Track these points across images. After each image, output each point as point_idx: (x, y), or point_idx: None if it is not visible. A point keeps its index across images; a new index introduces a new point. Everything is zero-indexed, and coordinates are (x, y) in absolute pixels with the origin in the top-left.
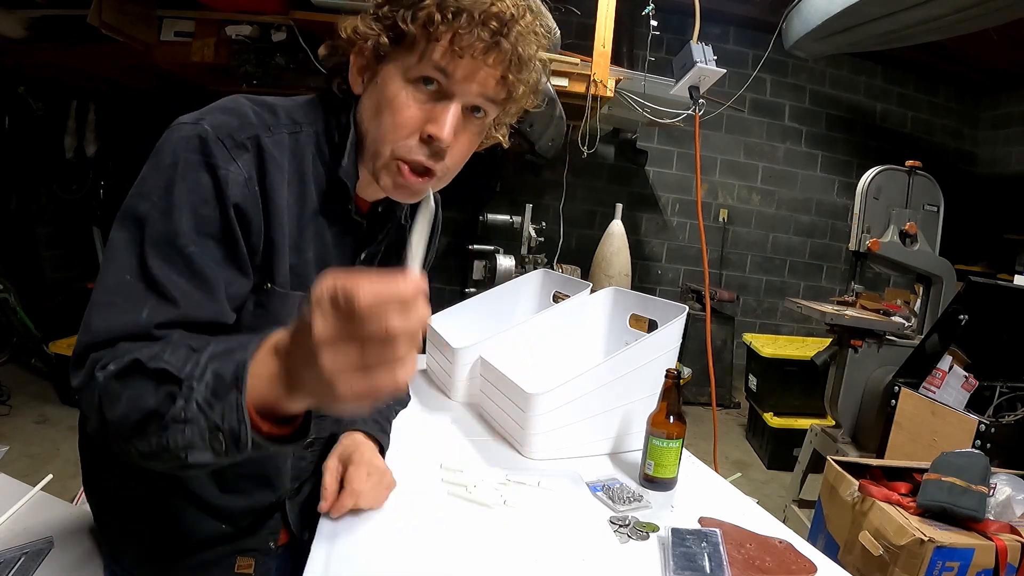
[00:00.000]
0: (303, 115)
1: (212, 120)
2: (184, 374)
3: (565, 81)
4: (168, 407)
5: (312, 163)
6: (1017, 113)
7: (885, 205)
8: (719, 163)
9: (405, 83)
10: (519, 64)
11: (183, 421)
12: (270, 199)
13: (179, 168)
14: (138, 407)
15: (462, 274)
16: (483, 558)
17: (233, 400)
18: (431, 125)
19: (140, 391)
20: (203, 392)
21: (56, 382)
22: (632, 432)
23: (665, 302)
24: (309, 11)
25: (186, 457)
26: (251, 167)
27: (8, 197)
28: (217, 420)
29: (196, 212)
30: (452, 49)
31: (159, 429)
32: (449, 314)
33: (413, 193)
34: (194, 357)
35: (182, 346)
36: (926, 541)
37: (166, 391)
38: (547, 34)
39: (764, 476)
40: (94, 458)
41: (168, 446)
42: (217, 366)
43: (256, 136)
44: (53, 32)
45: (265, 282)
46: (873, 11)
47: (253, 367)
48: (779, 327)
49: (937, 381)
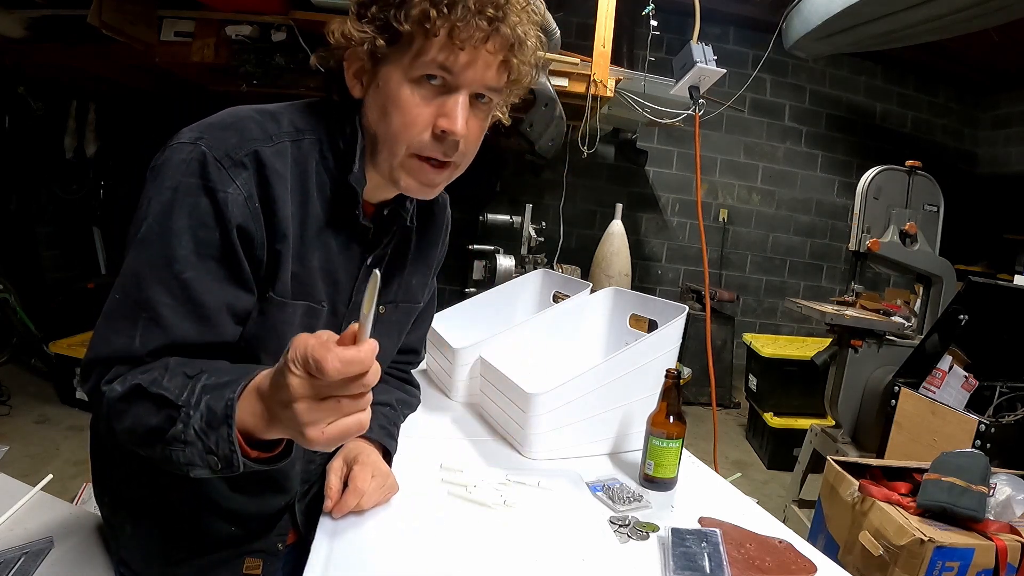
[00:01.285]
0: (305, 122)
1: (210, 139)
2: (181, 401)
3: (565, 81)
4: (169, 427)
5: (316, 171)
6: (1017, 113)
7: (885, 205)
8: (719, 163)
9: (408, 82)
10: (520, 45)
11: (183, 442)
12: (273, 212)
13: (178, 193)
14: (143, 424)
15: (462, 274)
16: (483, 558)
17: (224, 433)
18: (442, 120)
19: (143, 411)
20: (199, 421)
21: (56, 382)
22: (632, 432)
23: (665, 302)
24: (309, 11)
25: (187, 472)
26: (251, 185)
27: (8, 197)
28: (212, 446)
29: (195, 235)
30: (452, 43)
31: (162, 443)
32: (449, 314)
33: (436, 187)
34: (189, 385)
35: (178, 373)
36: (926, 541)
37: (166, 413)
38: (540, 12)
39: (764, 476)
40: (107, 462)
41: (172, 459)
42: (210, 399)
43: (255, 151)
44: (53, 32)
45: (266, 291)
46: (873, 11)
47: (240, 404)
48: (779, 327)
49: (937, 381)
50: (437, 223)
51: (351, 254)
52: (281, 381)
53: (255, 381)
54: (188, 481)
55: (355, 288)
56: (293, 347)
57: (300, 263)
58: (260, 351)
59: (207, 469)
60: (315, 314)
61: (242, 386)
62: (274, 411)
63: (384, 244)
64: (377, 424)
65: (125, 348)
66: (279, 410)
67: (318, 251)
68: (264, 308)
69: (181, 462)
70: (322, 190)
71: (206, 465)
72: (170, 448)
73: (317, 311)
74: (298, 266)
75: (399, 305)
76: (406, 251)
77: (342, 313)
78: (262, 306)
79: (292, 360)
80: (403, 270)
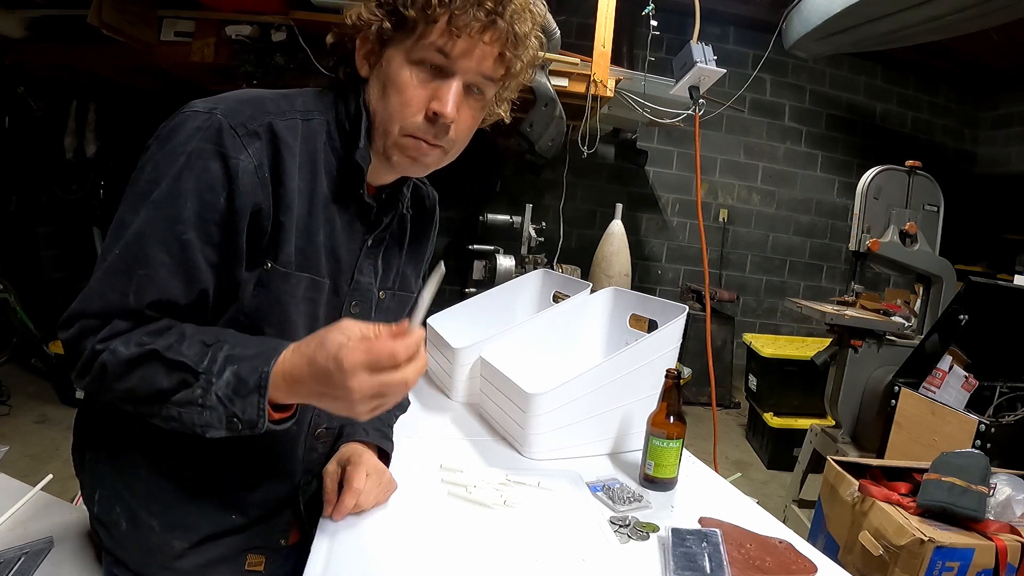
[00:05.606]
0: (315, 104)
1: (226, 108)
2: (202, 368)
3: (565, 81)
4: (180, 389)
5: (323, 149)
6: (1017, 113)
7: (885, 205)
8: (719, 163)
9: (408, 64)
10: (515, 41)
11: (200, 406)
12: (280, 183)
13: (191, 157)
14: (150, 385)
15: (462, 274)
16: (483, 558)
17: (255, 401)
18: (435, 102)
19: (152, 373)
20: (223, 388)
21: (56, 382)
22: (632, 432)
23: (665, 302)
24: (309, 11)
25: (202, 432)
26: (262, 154)
27: (8, 197)
28: (237, 412)
29: (201, 198)
30: (450, 29)
31: (169, 404)
32: (449, 314)
33: (425, 165)
34: (209, 352)
35: (196, 342)
36: (926, 541)
37: (179, 377)
38: (542, 15)
39: (764, 476)
40: (97, 456)
41: (180, 419)
42: (239, 369)
43: (269, 123)
44: (53, 32)
45: (266, 262)
46: (873, 11)
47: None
48: (779, 327)
49: (937, 381)
50: (427, 216)
51: (354, 233)
52: (337, 379)
53: (282, 362)
54: (189, 469)
55: (356, 267)
56: (350, 352)
57: (306, 237)
58: (263, 323)
59: (225, 430)
60: (318, 288)
61: (274, 362)
62: (301, 393)
63: (384, 226)
64: (371, 427)
65: (119, 303)
66: (308, 396)
67: (323, 227)
68: (267, 280)
69: (196, 423)
70: (328, 169)
71: (225, 427)
72: (181, 410)
73: (320, 285)
74: (304, 240)
75: (396, 294)
76: (402, 239)
77: (343, 291)
78: (264, 278)
79: (353, 366)
80: (400, 258)
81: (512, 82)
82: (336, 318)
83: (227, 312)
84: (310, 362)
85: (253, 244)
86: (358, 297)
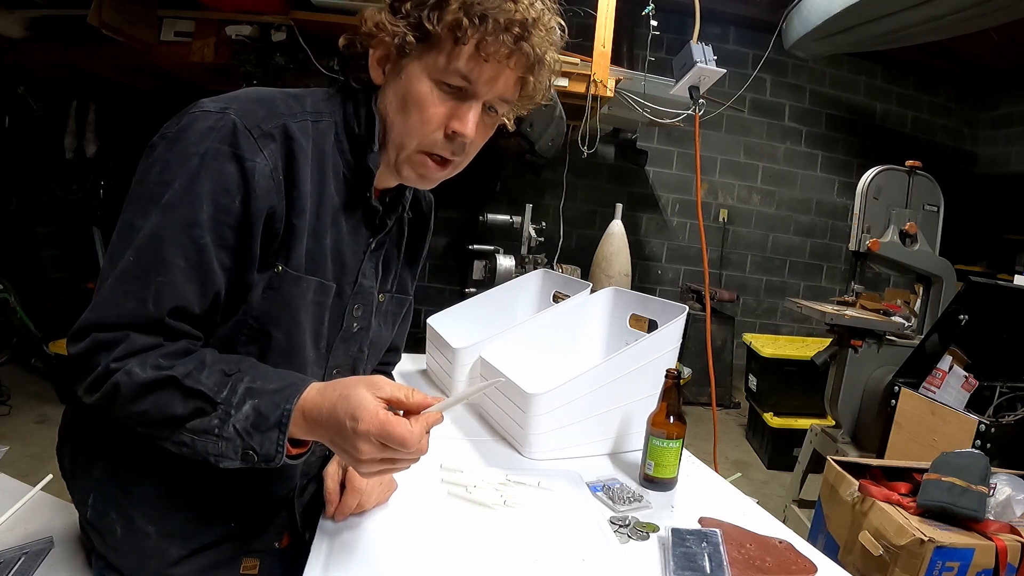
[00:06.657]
0: (324, 105)
1: (239, 109)
2: (221, 399)
3: (565, 81)
4: (196, 418)
5: (332, 152)
6: (1017, 113)
7: (885, 205)
8: (719, 163)
9: (431, 82)
10: (539, 65)
11: (217, 436)
12: (294, 186)
13: (206, 159)
14: (163, 410)
15: (462, 274)
16: (483, 558)
17: (274, 437)
18: (456, 122)
19: (168, 399)
20: (242, 421)
21: (56, 382)
22: (632, 432)
23: (665, 302)
24: (309, 11)
25: (215, 461)
26: (277, 156)
27: (8, 197)
28: (255, 446)
29: (216, 201)
30: (478, 54)
31: (181, 431)
32: (449, 314)
33: (432, 181)
34: (229, 383)
35: (216, 371)
36: (926, 541)
37: (196, 405)
38: (560, 28)
39: (764, 476)
40: (92, 461)
41: (195, 447)
42: (259, 404)
43: (284, 125)
44: (53, 32)
45: (277, 265)
46: (873, 11)
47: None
48: (779, 327)
49: (937, 381)
50: (425, 219)
51: (359, 237)
52: (349, 437)
53: (305, 404)
54: (188, 476)
55: (360, 270)
56: (366, 420)
57: (315, 240)
58: (271, 326)
59: (240, 462)
60: (326, 292)
61: (296, 400)
62: (319, 434)
63: (387, 229)
64: None
65: (137, 312)
66: (323, 438)
67: (331, 230)
68: (277, 283)
69: (209, 452)
70: (336, 171)
71: (240, 459)
72: (195, 437)
73: (327, 288)
74: (312, 243)
75: (394, 296)
76: (400, 242)
77: (347, 294)
78: (275, 281)
79: (365, 433)
80: (398, 261)
81: (528, 102)
82: (340, 322)
83: (236, 315)
84: (330, 410)
85: (265, 247)
86: (361, 300)
